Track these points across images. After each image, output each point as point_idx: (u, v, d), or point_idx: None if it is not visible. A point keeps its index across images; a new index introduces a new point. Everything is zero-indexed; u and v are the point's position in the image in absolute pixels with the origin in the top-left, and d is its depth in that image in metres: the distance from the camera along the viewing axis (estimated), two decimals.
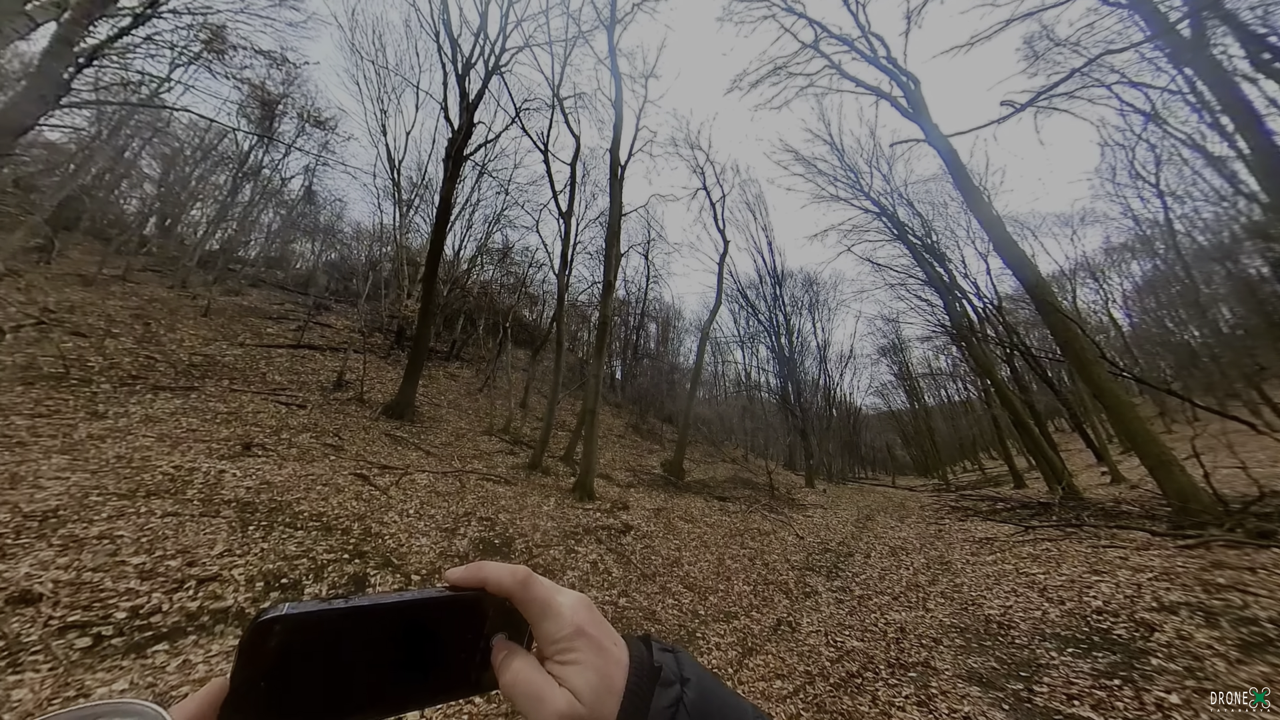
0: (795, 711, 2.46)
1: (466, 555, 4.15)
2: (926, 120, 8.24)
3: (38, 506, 3.43)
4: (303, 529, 4.04)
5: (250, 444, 6.37)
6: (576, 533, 5.35)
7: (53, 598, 2.45)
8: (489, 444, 10.54)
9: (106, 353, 8.79)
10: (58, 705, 1.82)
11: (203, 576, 2.93)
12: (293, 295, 20.39)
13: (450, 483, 6.60)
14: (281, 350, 13.43)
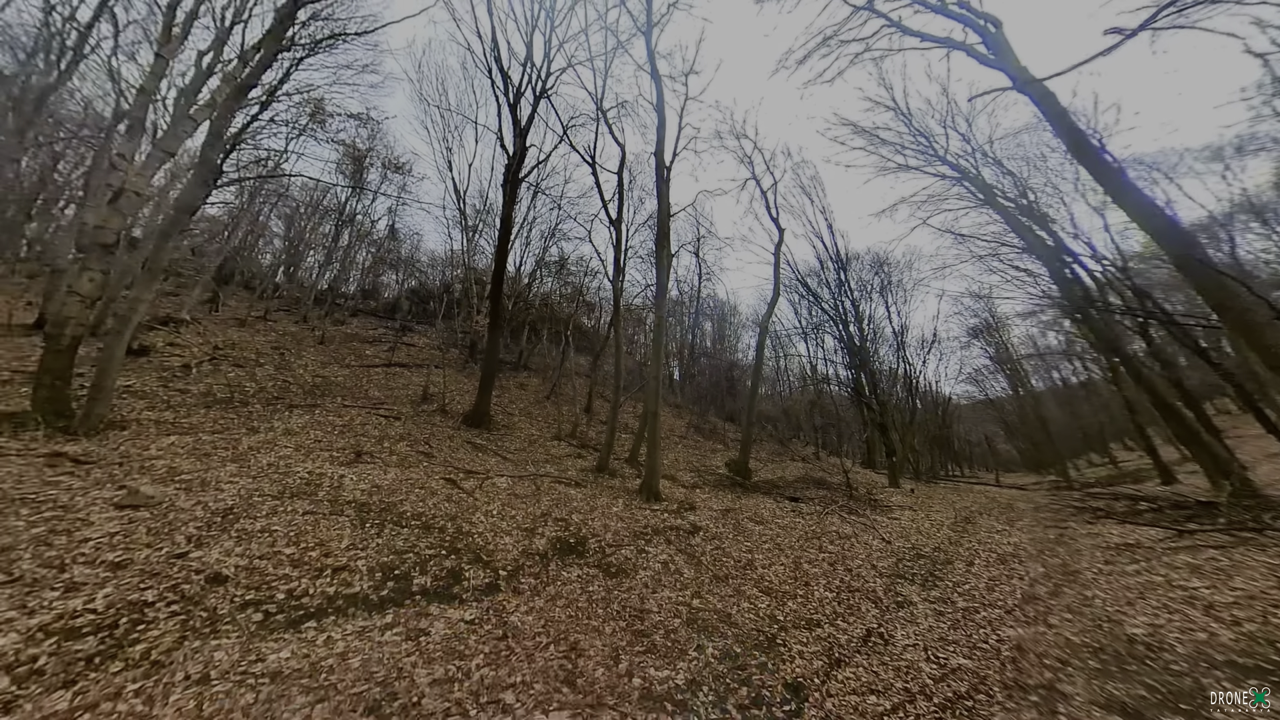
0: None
1: (545, 554, 4.43)
2: (1012, 65, 7.21)
3: (220, 505, 4.29)
4: (407, 527, 4.59)
5: (361, 452, 7.37)
6: (646, 533, 5.45)
7: (235, 579, 3.05)
8: (558, 449, 11.10)
9: (256, 379, 10.70)
10: (244, 667, 2.27)
11: (336, 566, 3.46)
12: (383, 321, 23.18)
13: (526, 486, 7.07)
14: (377, 369, 15.33)
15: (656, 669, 2.67)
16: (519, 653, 2.67)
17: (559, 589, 3.67)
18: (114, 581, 2.78)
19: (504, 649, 2.68)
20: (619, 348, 11.05)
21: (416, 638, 2.72)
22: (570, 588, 3.73)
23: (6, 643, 2.16)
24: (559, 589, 3.67)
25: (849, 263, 18.67)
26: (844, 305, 18.27)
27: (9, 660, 2.07)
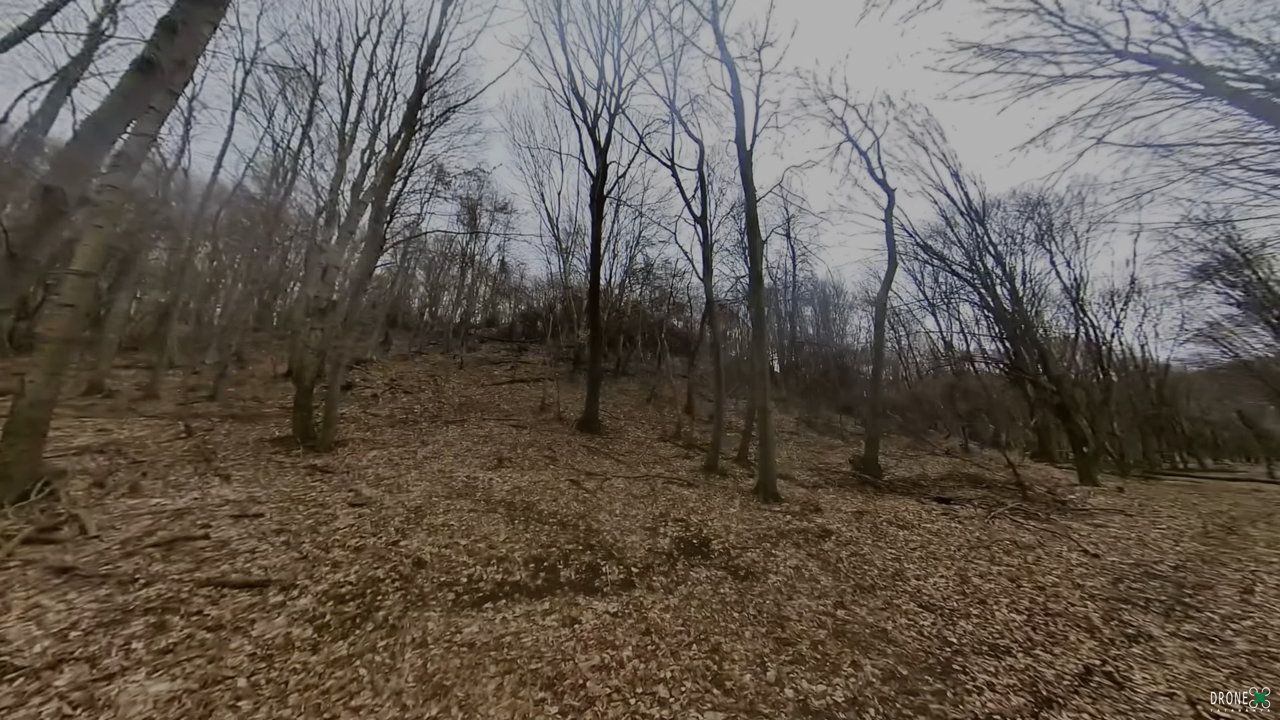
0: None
1: (670, 553, 4.54)
2: None
3: (411, 504, 5.38)
4: (546, 524, 5.15)
5: (501, 459, 8.53)
6: (770, 535, 5.21)
7: (431, 564, 3.77)
8: (665, 449, 11.34)
9: (420, 402, 13.20)
10: (448, 636, 2.77)
11: (499, 556, 4.04)
12: (503, 344, 26.48)
13: (642, 486, 7.36)
14: (504, 386, 17.56)
15: (810, 682, 2.51)
16: (664, 649, 2.77)
17: (690, 589, 3.71)
18: (358, 561, 3.67)
19: (649, 644, 2.81)
20: (716, 345, 10.84)
21: (571, 625, 3.01)
22: (701, 588, 3.75)
23: (306, 602, 3.01)
24: (690, 589, 3.71)
25: (988, 212, 15.42)
26: (984, 265, 15.09)
27: (310, 615, 2.87)
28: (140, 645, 2.43)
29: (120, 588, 2.97)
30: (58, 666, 2.22)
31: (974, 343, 21.41)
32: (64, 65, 10.08)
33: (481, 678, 2.38)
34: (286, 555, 3.72)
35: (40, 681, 2.11)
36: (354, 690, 2.22)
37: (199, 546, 3.73)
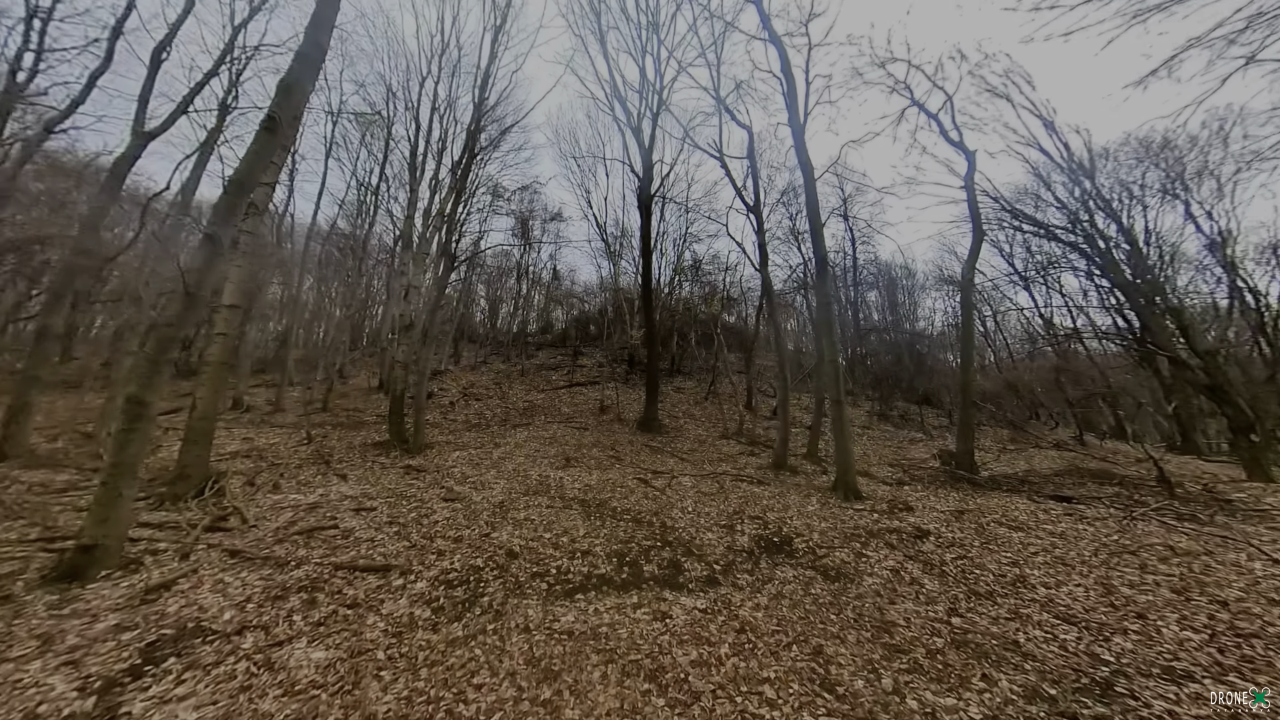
0: None
1: (751, 551, 4.40)
2: None
3: (495, 500, 5.75)
4: (621, 520, 5.24)
5: (569, 459, 8.86)
6: (858, 535, 4.86)
7: (522, 555, 4.00)
8: (728, 447, 11.09)
9: (489, 408, 14.13)
10: (547, 623, 2.90)
11: (582, 550, 4.18)
12: (559, 350, 27.53)
13: (710, 484, 7.24)
14: (562, 390, 18.23)
15: (934, 694, 2.28)
16: (762, 648, 2.67)
17: (779, 588, 3.56)
18: (459, 551, 3.99)
19: (745, 642, 2.73)
20: (779, 337, 10.40)
21: (662, 619, 3.02)
22: (790, 588, 3.58)
23: (422, 586, 3.32)
24: (779, 588, 3.56)
25: (1095, 163, 13.26)
26: (1092, 225, 12.94)
27: (426, 598, 3.16)
28: (299, 617, 2.83)
29: (277, 568, 3.48)
30: (242, 632, 2.64)
31: (1081, 318, 18.52)
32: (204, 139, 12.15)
33: (585, 665, 2.46)
34: (399, 544, 4.14)
35: (231, 644, 2.53)
36: (473, 669, 2.40)
37: (331, 535, 4.28)
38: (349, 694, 2.17)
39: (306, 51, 4.67)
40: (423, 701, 2.13)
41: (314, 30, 4.79)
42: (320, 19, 4.83)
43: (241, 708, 2.06)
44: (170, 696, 2.13)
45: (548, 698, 2.17)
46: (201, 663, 2.37)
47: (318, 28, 4.82)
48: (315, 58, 4.80)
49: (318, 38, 4.80)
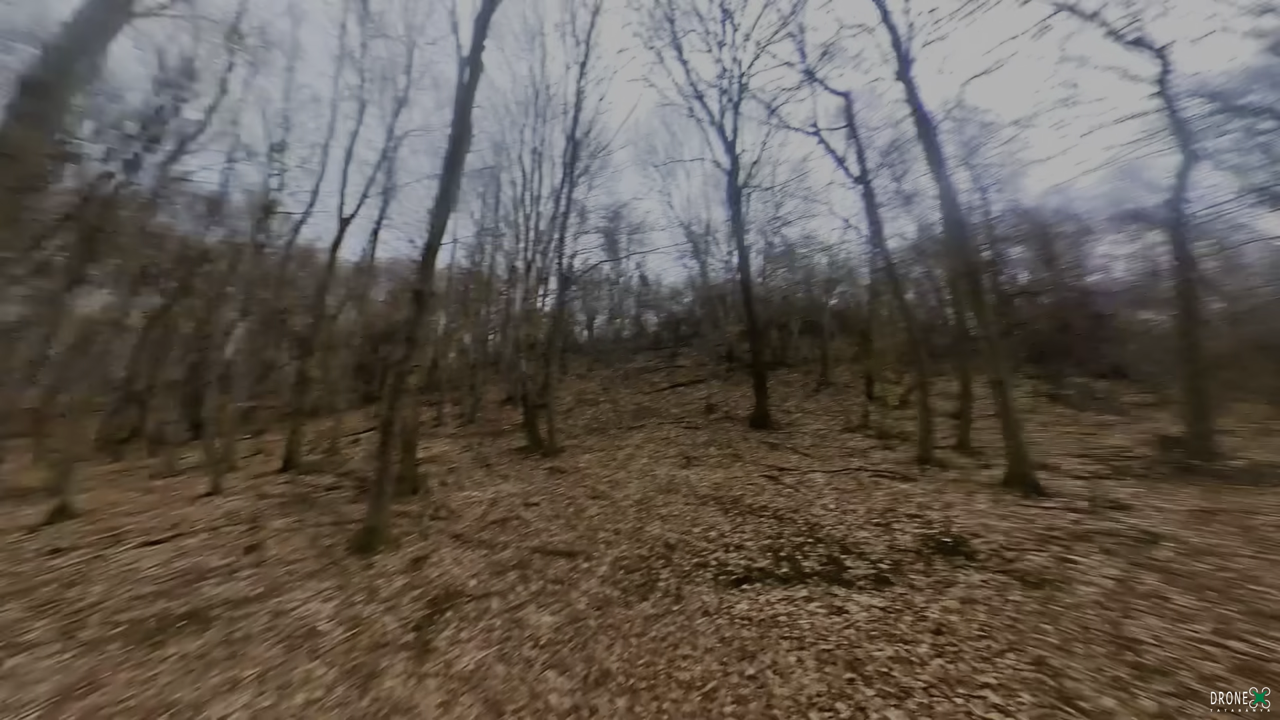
0: None
1: (918, 551, 4.06)
2: None
3: (634, 497, 6.25)
4: (761, 517, 5.26)
5: (689, 458, 9.13)
6: (1055, 537, 4.12)
7: (678, 547, 4.31)
8: (853, 441, 10.23)
9: (602, 412, 15.27)
10: (725, 609, 3.10)
11: (734, 544, 4.33)
12: (654, 352, 28.31)
13: (846, 481, 6.82)
14: (665, 391, 18.73)
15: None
16: (969, 653, 2.50)
17: (968, 592, 3.25)
18: (622, 541, 4.47)
19: (947, 644, 2.58)
20: (909, 318, 9.31)
21: (839, 613, 3.01)
22: (982, 593, 3.24)
23: (604, 570, 3.82)
24: (968, 592, 3.25)
25: None
26: None
27: (611, 579, 3.63)
28: (520, 588, 3.50)
29: (490, 549, 4.34)
30: (486, 596, 3.38)
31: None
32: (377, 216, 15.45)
33: (778, 649, 2.59)
34: (570, 534, 4.80)
35: (483, 604, 3.26)
36: (674, 642, 2.71)
37: (516, 524, 5.15)
38: (582, 650, 2.64)
39: (459, 143, 5.76)
40: (643, 664, 2.49)
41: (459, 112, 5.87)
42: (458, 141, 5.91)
43: (509, 651, 2.66)
44: (458, 638, 2.85)
45: (753, 674, 2.35)
46: (468, 616, 3.10)
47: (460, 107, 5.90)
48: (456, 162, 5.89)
49: (461, 117, 5.87)
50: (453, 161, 5.45)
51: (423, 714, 2.17)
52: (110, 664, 2.68)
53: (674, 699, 2.19)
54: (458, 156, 5.52)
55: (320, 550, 4.47)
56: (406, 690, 2.35)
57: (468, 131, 5.83)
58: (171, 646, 2.84)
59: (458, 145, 5.57)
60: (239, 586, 3.69)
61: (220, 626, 3.07)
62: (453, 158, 5.46)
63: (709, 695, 2.20)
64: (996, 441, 9.58)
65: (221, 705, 2.26)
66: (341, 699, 2.30)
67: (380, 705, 2.24)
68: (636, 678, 2.37)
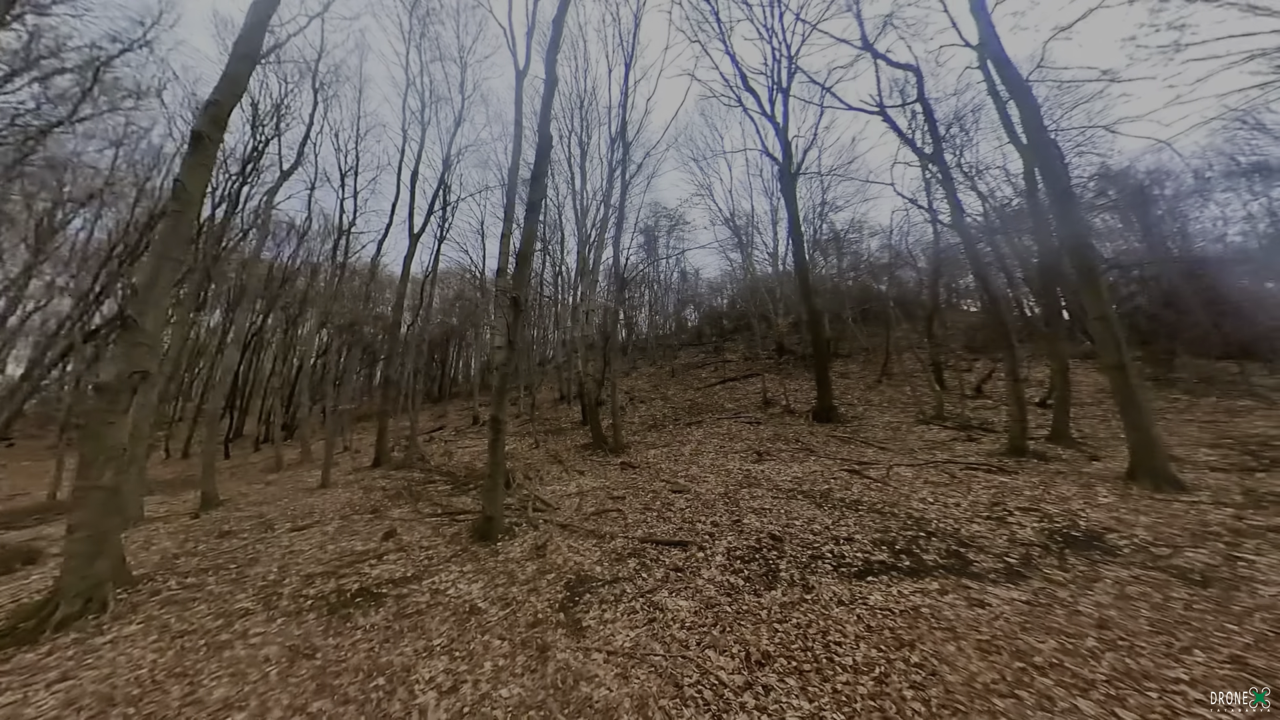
0: None
1: (1044, 545, 3.85)
2: None
3: (715, 491, 6.33)
4: (858, 510, 5.16)
5: (760, 452, 9.08)
6: (1215, 534, 3.74)
7: (786, 540, 4.34)
8: (931, 433, 9.72)
9: (657, 408, 15.43)
10: (858, 600, 3.12)
11: (842, 537, 4.30)
12: (696, 347, 28.11)
13: (937, 474, 6.52)
14: (716, 386, 18.59)
15: None
16: (1146, 648, 2.37)
17: (1120, 589, 3.05)
18: (727, 532, 4.57)
19: (1117, 639, 2.46)
20: (994, 300, 8.69)
21: (981, 605, 2.94)
22: (1137, 588, 3.03)
23: (720, 559, 3.93)
24: (1120, 589, 3.05)
25: None
26: None
27: (730, 569, 3.74)
28: (644, 575, 3.69)
29: (599, 539, 4.58)
30: (616, 581, 3.59)
31: None
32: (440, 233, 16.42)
33: (933, 638, 2.59)
34: (667, 525, 4.96)
35: (616, 589, 3.46)
36: (821, 628, 2.77)
37: (613, 516, 5.38)
38: (730, 633, 2.76)
39: (541, 149, 6.04)
40: (797, 648, 2.58)
41: (543, 125, 6.16)
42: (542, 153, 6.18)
43: (658, 631, 2.83)
44: (604, 618, 3.06)
45: (917, 661, 2.37)
46: (606, 599, 3.32)
47: (544, 122, 6.18)
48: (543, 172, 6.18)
49: (545, 130, 6.15)
50: (539, 171, 5.74)
51: (605, 683, 2.37)
52: (316, 631, 3.13)
53: (844, 680, 2.26)
54: (542, 167, 5.80)
55: (447, 537, 4.91)
56: (579, 662, 2.57)
57: (548, 140, 6.10)
58: (358, 618, 3.26)
59: (542, 155, 5.86)
60: (392, 568, 4.14)
61: (391, 603, 3.47)
62: (539, 168, 5.75)
63: (880, 679, 2.25)
64: (1099, 430, 8.78)
65: (425, 669, 2.59)
66: (526, 666, 2.56)
67: (564, 674, 2.47)
68: (797, 660, 2.46)
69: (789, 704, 2.13)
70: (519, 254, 5.54)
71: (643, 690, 2.30)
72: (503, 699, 2.30)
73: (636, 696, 2.25)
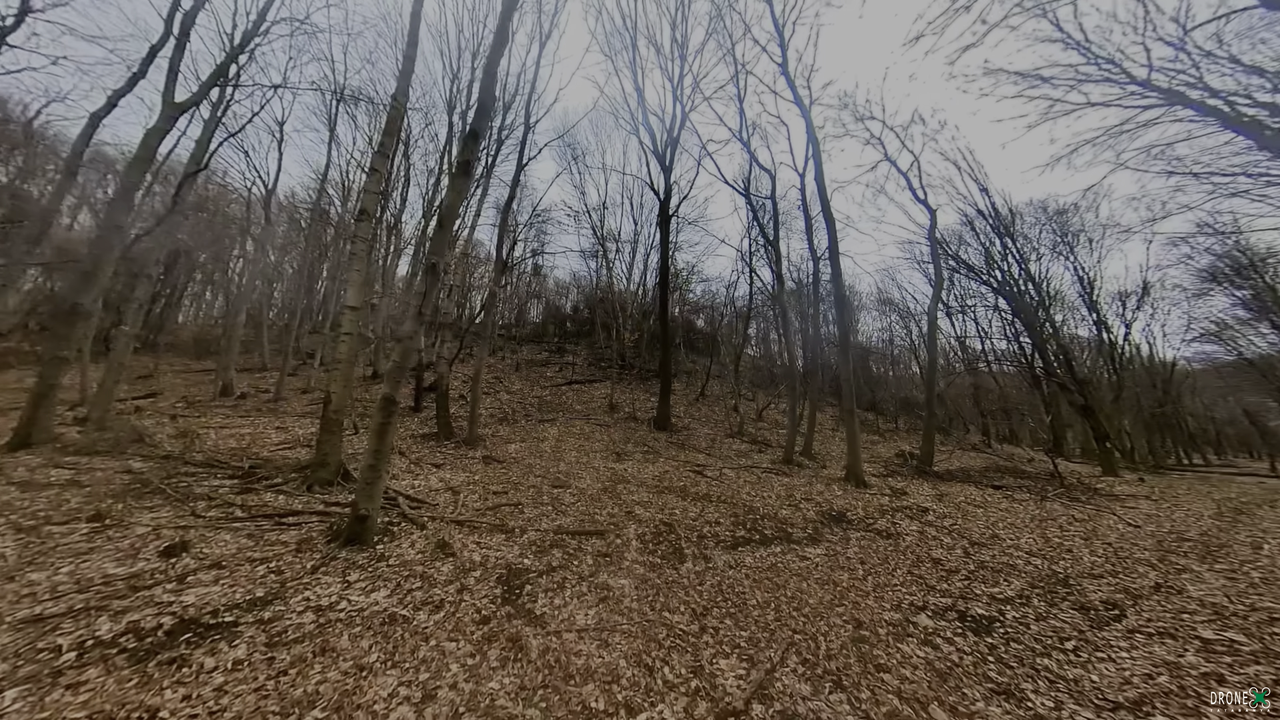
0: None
1: (821, 521, 6.00)
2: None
3: (598, 488, 6.79)
4: (712, 502, 6.58)
5: (619, 452, 9.99)
6: (885, 511, 6.68)
7: (675, 526, 5.21)
8: (736, 445, 12.81)
9: (501, 402, 14.61)
10: (740, 563, 4.22)
11: (709, 520, 5.47)
12: (538, 345, 27.77)
13: (749, 475, 8.84)
14: (562, 388, 18.93)
15: (986, 585, 3.98)
16: (881, 569, 4.24)
17: (860, 542, 5.18)
18: (629, 522, 5.10)
19: (870, 568, 4.28)
20: (791, 353, 12.27)
21: (804, 559, 4.47)
22: (866, 542, 5.21)
23: (636, 543, 4.44)
24: (860, 542, 5.18)
25: (1014, 222, 16.87)
26: (1005, 272, 16.57)
27: (648, 549, 4.30)
28: (576, 562, 3.88)
29: (508, 534, 4.41)
30: (552, 571, 3.66)
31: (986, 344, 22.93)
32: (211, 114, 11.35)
33: (792, 581, 3.84)
34: (568, 518, 5.16)
35: (555, 578, 3.56)
36: (730, 583, 3.67)
37: (509, 510, 5.17)
38: (671, 596, 3.36)
39: (484, 102, 5.44)
40: (720, 598, 3.38)
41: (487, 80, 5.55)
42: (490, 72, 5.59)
43: (613, 606, 3.18)
44: (557, 605, 3.18)
45: (790, 595, 3.53)
46: (549, 588, 3.40)
47: (489, 77, 5.59)
48: (487, 105, 5.57)
49: (489, 86, 5.57)
50: (477, 127, 5.15)
51: (592, 653, 2.58)
52: (127, 687, 2.08)
53: (757, 614, 3.18)
54: (482, 124, 5.23)
55: (291, 546, 3.72)
56: (557, 643, 2.68)
57: (491, 98, 5.53)
58: (202, 659, 2.32)
59: (482, 115, 5.29)
60: (215, 590, 2.93)
61: (252, 631, 2.57)
62: (478, 124, 5.16)
63: (776, 607, 3.28)
64: (825, 450, 13.44)
65: (374, 688, 2.18)
66: (504, 658, 2.48)
67: (551, 653, 2.54)
68: (723, 607, 3.26)
69: (734, 634, 2.89)
70: (440, 216, 4.79)
71: (629, 650, 2.64)
72: (496, 690, 2.23)
73: (627, 655, 2.58)
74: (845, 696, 2.35)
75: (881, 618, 3.26)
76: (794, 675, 2.52)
